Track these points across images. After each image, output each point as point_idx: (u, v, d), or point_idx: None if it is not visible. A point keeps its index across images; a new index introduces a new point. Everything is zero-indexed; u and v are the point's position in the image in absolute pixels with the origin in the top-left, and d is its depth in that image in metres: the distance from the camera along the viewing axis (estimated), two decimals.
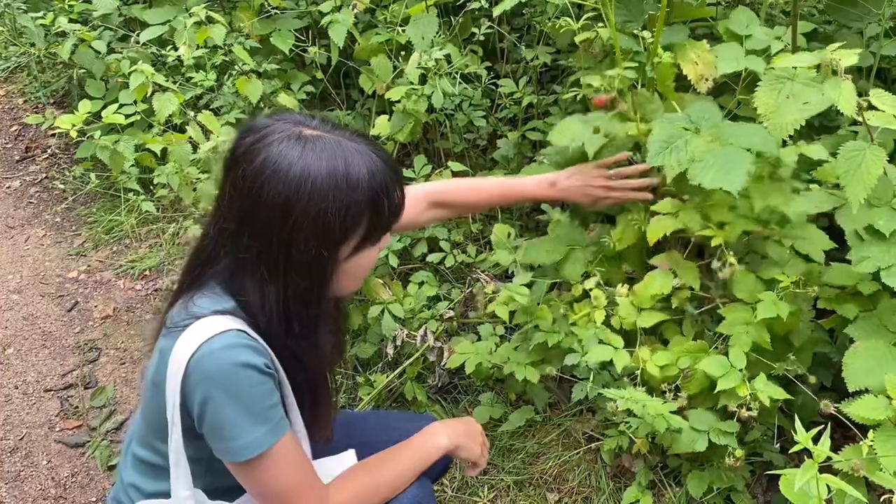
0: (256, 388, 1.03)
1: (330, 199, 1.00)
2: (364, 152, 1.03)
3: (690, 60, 1.61)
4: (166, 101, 2.17)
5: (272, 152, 1.00)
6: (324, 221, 1.01)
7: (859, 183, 1.25)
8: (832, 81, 1.24)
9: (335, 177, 1.00)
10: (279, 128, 1.03)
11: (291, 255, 1.03)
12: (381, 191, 1.04)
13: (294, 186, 0.99)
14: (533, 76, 2.25)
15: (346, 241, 1.05)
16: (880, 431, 1.27)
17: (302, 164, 0.99)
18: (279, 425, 1.06)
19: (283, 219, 1.00)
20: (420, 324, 2.05)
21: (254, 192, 1.01)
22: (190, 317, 1.05)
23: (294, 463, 1.09)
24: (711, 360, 1.49)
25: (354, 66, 2.45)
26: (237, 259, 1.06)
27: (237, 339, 1.02)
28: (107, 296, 2.55)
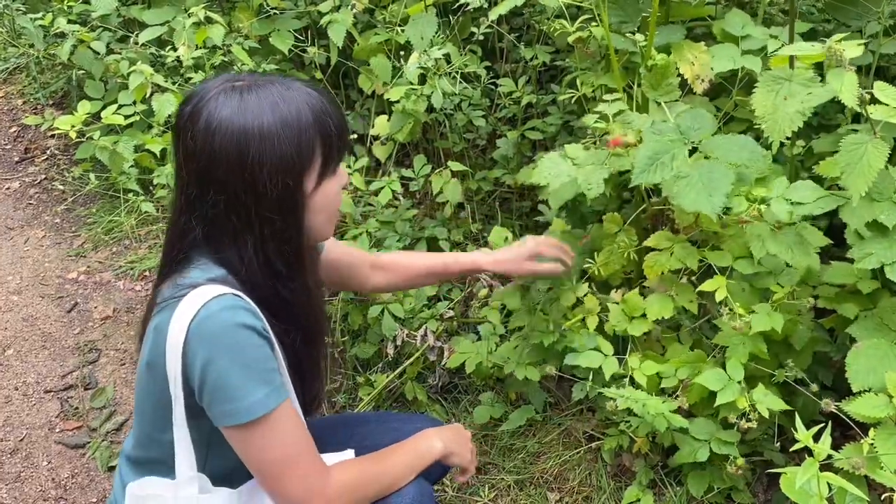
0: (257, 349, 1.04)
1: (280, 135, 1.04)
2: (296, 87, 1.08)
3: (687, 61, 1.61)
4: (165, 102, 2.17)
5: (212, 108, 1.04)
6: (280, 155, 1.04)
7: (860, 176, 1.25)
8: (835, 72, 1.23)
9: (278, 112, 1.04)
10: (211, 87, 1.07)
11: (258, 194, 1.05)
12: (323, 117, 1.08)
13: (242, 130, 1.03)
14: (532, 76, 2.25)
15: (306, 172, 1.08)
16: (881, 429, 1.27)
17: (244, 109, 1.04)
18: (280, 389, 1.07)
19: (241, 163, 1.03)
20: (420, 324, 2.05)
21: (206, 150, 1.04)
22: (184, 287, 1.05)
23: (295, 430, 1.09)
24: (710, 373, 1.49)
25: (353, 67, 2.45)
26: (208, 220, 1.07)
27: (234, 301, 1.04)
28: (106, 297, 2.55)
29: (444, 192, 2.16)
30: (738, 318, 1.41)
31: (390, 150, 2.34)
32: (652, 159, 1.38)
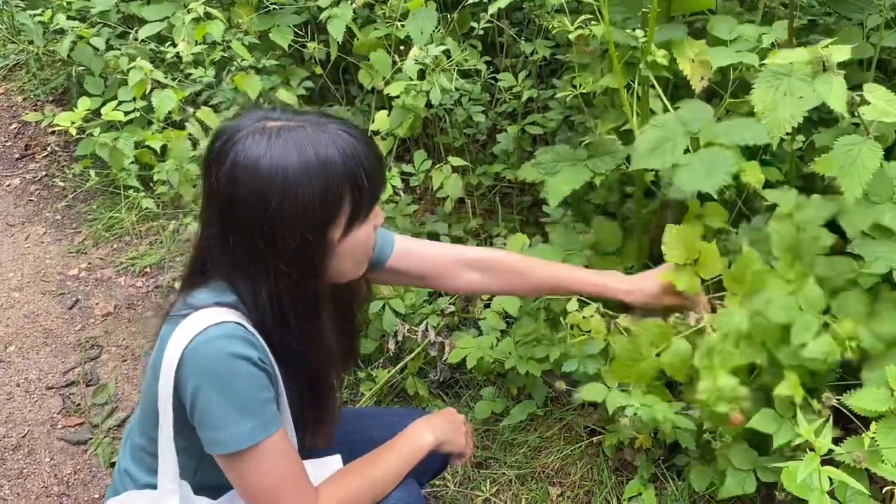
0: (248, 380, 1.03)
1: (305, 184, 1.01)
2: (331, 131, 1.04)
3: (688, 58, 1.60)
4: (165, 98, 2.17)
5: (239, 150, 1.01)
6: (303, 206, 1.01)
7: (855, 178, 1.25)
8: (823, 77, 1.24)
9: (306, 161, 1.01)
10: (243, 125, 1.04)
11: (276, 246, 1.03)
12: (355, 165, 1.04)
13: (267, 178, 1.00)
14: (532, 70, 2.25)
15: (332, 223, 1.05)
16: (882, 423, 1.27)
17: (270, 155, 1.00)
18: (270, 421, 1.06)
19: (262, 212, 1.01)
20: (421, 319, 2.05)
21: (229, 193, 1.02)
22: (189, 307, 1.06)
23: (283, 463, 1.08)
24: (763, 414, 1.39)
25: (353, 62, 2.44)
26: (226, 260, 1.07)
27: (233, 330, 1.03)
28: (108, 293, 2.55)
29: (445, 188, 2.16)
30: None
31: (391, 146, 2.34)
32: (654, 146, 1.38)
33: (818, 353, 1.31)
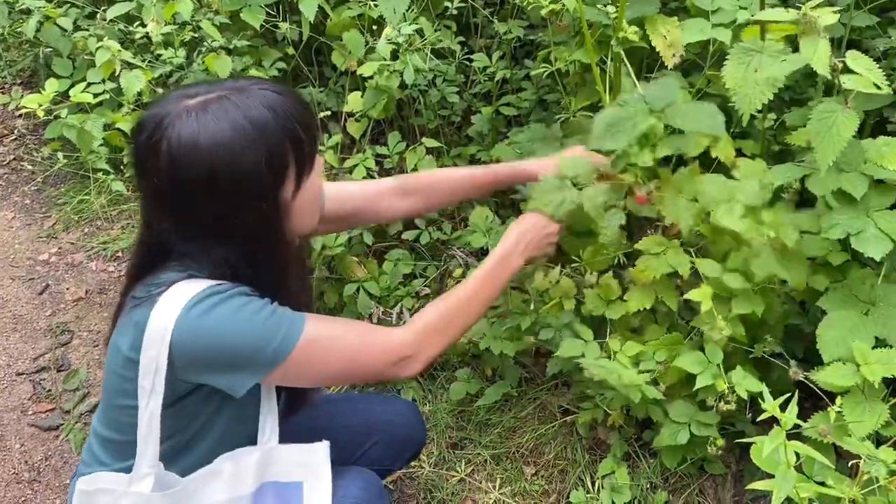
0: (251, 304, 1.03)
1: (248, 153, 0.99)
2: (255, 93, 1.02)
3: (660, 35, 1.60)
4: (134, 79, 2.13)
5: (171, 136, 0.99)
6: (252, 175, 1.00)
7: (829, 145, 1.25)
8: (808, 39, 1.23)
9: (241, 129, 0.99)
10: (165, 111, 1.01)
11: (235, 222, 1.02)
12: (289, 120, 1.03)
13: (208, 157, 0.98)
14: (506, 51, 2.23)
15: (283, 184, 1.04)
16: (848, 398, 1.29)
17: (205, 133, 0.98)
18: (295, 315, 1.07)
19: (213, 193, 0.99)
20: (396, 301, 2.05)
21: (173, 183, 1.00)
22: (163, 283, 1.04)
23: (339, 330, 1.11)
24: (688, 356, 1.49)
25: (326, 43, 2.41)
26: (186, 249, 1.05)
27: (215, 287, 1.03)
28: (79, 278, 2.51)
29: (419, 169, 2.15)
30: (720, 331, 1.40)
31: (364, 127, 2.32)
32: (611, 126, 1.38)
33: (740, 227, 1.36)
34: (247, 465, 1.13)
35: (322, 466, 1.19)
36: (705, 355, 1.50)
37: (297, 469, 1.17)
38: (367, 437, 1.46)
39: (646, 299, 1.54)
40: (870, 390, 1.28)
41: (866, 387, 1.28)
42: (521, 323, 1.72)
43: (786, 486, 1.08)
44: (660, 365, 1.56)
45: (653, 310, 1.68)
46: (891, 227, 1.28)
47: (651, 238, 1.54)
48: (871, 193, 1.31)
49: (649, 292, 1.56)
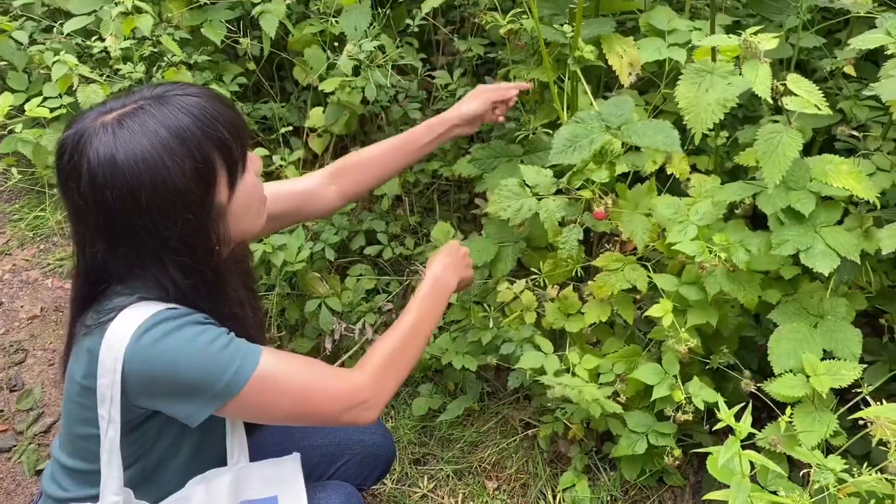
0: (205, 334, 1.01)
1: (169, 165, 0.96)
2: (173, 100, 0.99)
3: (616, 53, 1.64)
4: (91, 93, 2.10)
5: (91, 156, 0.96)
6: (176, 188, 0.97)
7: (776, 164, 1.29)
8: (750, 64, 1.27)
9: (160, 141, 0.96)
10: (82, 129, 0.98)
11: (166, 236, 0.99)
12: (212, 124, 1.00)
13: (129, 174, 0.95)
14: (468, 68, 2.26)
15: (213, 190, 1.01)
16: (799, 408, 1.32)
17: (123, 150, 0.95)
18: (248, 350, 1.04)
19: (138, 209, 0.96)
20: (358, 317, 2.04)
21: (97, 203, 0.97)
22: (112, 309, 1.01)
23: (293, 367, 1.07)
24: (646, 368, 1.53)
25: (288, 58, 2.41)
26: (126, 267, 1.02)
27: (167, 314, 1.00)
28: (34, 295, 2.46)
29: (381, 186, 2.15)
30: (682, 343, 1.43)
31: (327, 143, 2.32)
32: (570, 142, 1.41)
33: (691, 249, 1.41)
34: (219, 486, 1.11)
35: (294, 479, 1.19)
36: (662, 367, 1.53)
37: (269, 485, 1.16)
38: (340, 455, 1.46)
39: (602, 313, 1.57)
40: (819, 401, 1.32)
41: (816, 397, 1.32)
42: (482, 338, 1.74)
43: (741, 496, 1.10)
44: (619, 377, 1.59)
45: (611, 322, 1.71)
46: (838, 243, 1.32)
47: (609, 254, 1.56)
48: (818, 210, 1.35)
49: (606, 306, 1.59)
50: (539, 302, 1.67)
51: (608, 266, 1.56)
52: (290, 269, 2.03)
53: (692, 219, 1.46)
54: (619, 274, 1.55)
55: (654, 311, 1.47)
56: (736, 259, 1.39)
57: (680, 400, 1.49)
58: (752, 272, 1.44)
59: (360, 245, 2.21)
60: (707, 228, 1.45)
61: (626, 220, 1.53)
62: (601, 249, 1.67)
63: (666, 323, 1.45)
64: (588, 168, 1.49)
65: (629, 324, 1.64)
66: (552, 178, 1.55)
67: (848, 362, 1.32)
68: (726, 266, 1.41)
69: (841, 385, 1.29)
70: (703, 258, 1.40)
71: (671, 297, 1.50)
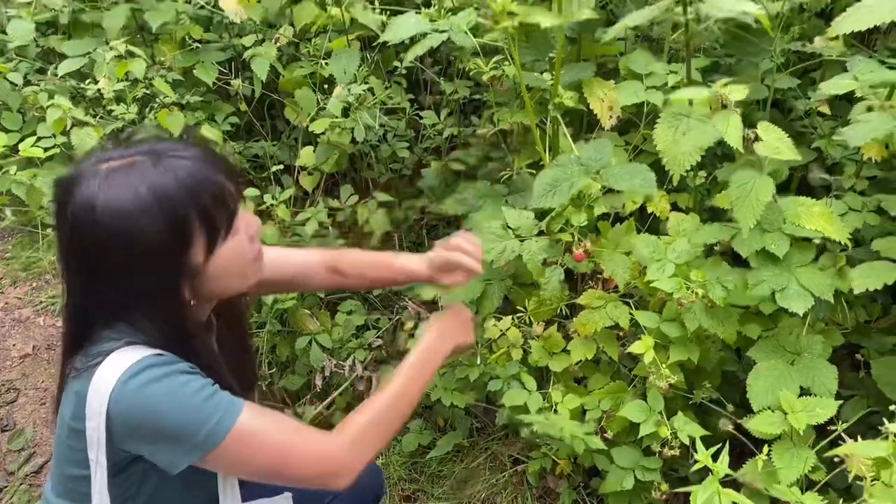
0: (188, 385, 1.02)
1: (143, 222, 0.99)
2: (165, 161, 1.01)
3: (597, 97, 1.69)
4: (85, 136, 2.14)
5: (76, 199, 0.99)
6: (147, 244, 0.99)
7: (749, 209, 1.34)
8: (721, 115, 1.32)
9: (139, 198, 0.99)
10: (76, 173, 1.02)
11: (138, 285, 1.02)
12: (195, 191, 1.02)
13: (103, 223, 0.98)
14: (455, 108, 2.31)
15: (187, 251, 1.04)
16: (777, 444, 1.35)
17: (103, 199, 0.98)
18: (231, 403, 1.05)
19: (109, 258, 1.00)
20: (348, 353, 2.06)
21: (76, 247, 1.01)
22: (100, 354, 1.04)
23: (272, 426, 1.07)
24: (632, 405, 1.55)
25: (279, 99, 2.46)
26: (105, 309, 1.05)
27: (152, 360, 1.02)
28: (26, 334, 2.48)
29: (371, 223, 2.19)
30: (663, 379, 1.47)
31: (317, 181, 2.36)
32: (551, 186, 1.45)
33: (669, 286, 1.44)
34: None
35: None
36: (647, 403, 1.56)
37: None
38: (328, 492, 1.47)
39: (587, 350, 1.60)
40: (797, 437, 1.35)
41: (794, 434, 1.34)
42: (469, 374, 1.76)
43: None
44: (605, 413, 1.61)
45: (597, 359, 1.74)
46: (812, 283, 1.36)
47: (591, 292, 1.60)
48: (792, 251, 1.39)
49: (591, 343, 1.62)
50: (525, 339, 1.70)
51: (591, 304, 1.60)
52: (281, 306, 2.06)
53: (670, 257, 1.50)
54: (602, 311, 1.58)
55: (635, 348, 1.51)
56: (713, 295, 1.43)
57: (666, 436, 1.52)
58: (731, 308, 1.48)
59: None
60: (685, 266, 1.49)
61: (606, 259, 1.57)
62: (585, 287, 1.70)
63: (647, 359, 1.48)
64: (567, 211, 1.53)
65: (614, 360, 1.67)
66: (534, 220, 1.59)
67: (824, 399, 1.36)
68: (704, 303, 1.45)
69: (817, 422, 1.32)
70: (681, 295, 1.43)
71: (653, 334, 1.53)
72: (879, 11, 1.45)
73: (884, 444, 1.09)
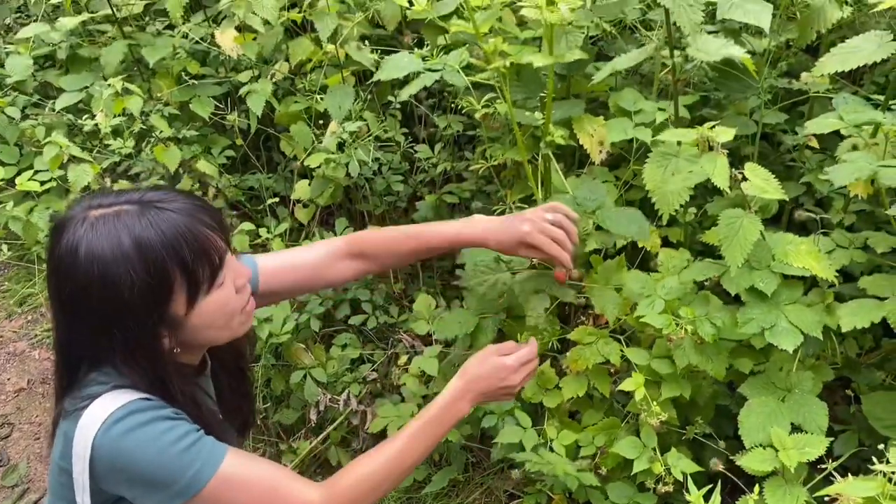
0: (172, 431, 1.03)
1: (122, 272, 1.00)
2: (152, 213, 1.03)
3: (587, 133, 1.71)
4: (81, 172, 2.16)
5: (63, 244, 1.02)
6: (126, 294, 1.00)
7: (737, 248, 1.36)
8: (708, 156, 1.35)
9: (121, 249, 1.00)
10: (68, 217, 1.04)
11: (117, 332, 1.03)
12: (178, 246, 1.03)
13: (84, 271, 1.00)
14: (449, 141, 2.33)
15: (167, 303, 1.04)
16: (770, 482, 1.35)
17: (86, 247, 1.00)
18: (213, 449, 1.06)
19: (89, 304, 1.01)
20: (343, 387, 2.07)
21: (60, 289, 1.03)
22: (87, 397, 1.05)
23: (256, 470, 1.08)
24: (625, 442, 1.55)
25: (274, 133, 2.49)
26: (88, 351, 1.07)
27: (138, 405, 1.03)
28: (21, 367, 2.48)
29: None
30: (655, 416, 1.47)
31: (312, 213, 2.38)
32: None
33: (659, 322, 1.45)
34: None
35: None
36: (641, 440, 1.56)
37: None
38: None
39: (579, 387, 1.61)
40: (789, 474, 1.35)
41: (786, 471, 1.35)
42: None
43: None
44: (599, 449, 1.62)
45: (590, 394, 1.75)
46: (800, 320, 1.38)
47: (583, 329, 1.61)
48: (780, 289, 1.41)
49: (583, 380, 1.63)
50: None
51: (582, 340, 1.61)
52: (276, 340, 2.07)
53: (660, 293, 1.52)
54: (593, 347, 1.59)
55: (626, 385, 1.51)
56: (702, 332, 1.44)
57: (660, 472, 1.52)
58: (720, 345, 1.49)
59: (344, 314, 2.25)
60: (675, 302, 1.51)
61: (597, 294, 1.59)
62: (577, 322, 1.71)
63: (638, 397, 1.49)
64: None
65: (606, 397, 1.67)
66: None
67: (815, 436, 1.36)
68: (693, 339, 1.46)
69: (808, 459, 1.33)
70: (670, 331, 1.45)
71: (643, 371, 1.54)
72: (863, 52, 1.48)
73: (874, 483, 1.09)
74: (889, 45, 1.49)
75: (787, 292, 1.42)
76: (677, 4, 1.35)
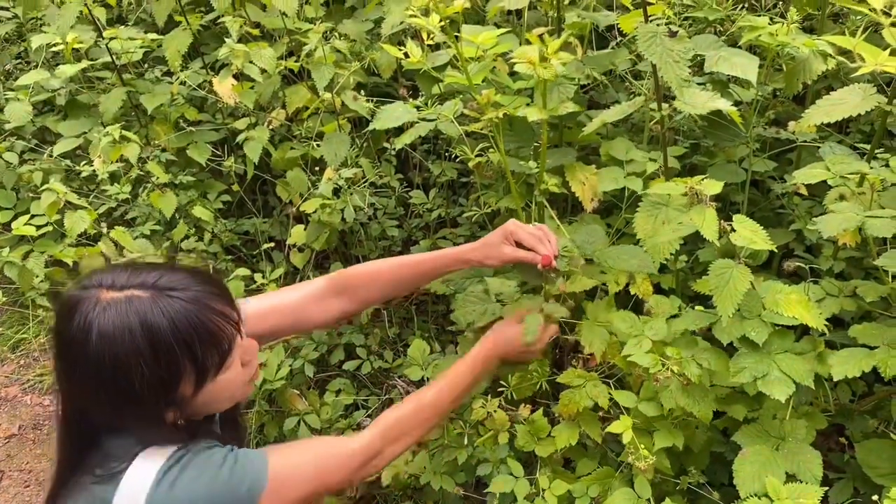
0: (211, 460, 1.06)
1: (130, 356, 1.00)
2: (163, 300, 1.02)
3: (579, 181, 1.74)
4: (78, 219, 2.17)
5: (74, 324, 1.01)
6: (135, 379, 1.00)
7: (728, 298, 1.37)
8: (697, 209, 1.37)
9: (130, 333, 1.00)
10: (79, 297, 1.03)
11: (125, 409, 1.04)
12: (188, 335, 1.03)
13: (94, 354, 1.00)
14: (443, 186, 2.36)
15: (175, 387, 1.05)
16: None
17: (97, 330, 0.99)
18: (256, 457, 1.10)
19: (99, 382, 1.02)
20: (338, 434, 2.05)
21: (72, 364, 1.03)
22: (117, 458, 1.05)
23: (302, 456, 1.15)
24: (619, 493, 1.54)
25: (270, 178, 2.51)
26: (101, 417, 1.07)
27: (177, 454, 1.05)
28: (12, 413, 2.46)
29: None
30: (643, 460, 1.47)
31: (308, 257, 2.39)
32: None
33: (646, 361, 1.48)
34: None
35: None
36: (635, 490, 1.54)
37: None
38: None
39: (571, 436, 1.61)
40: None
41: None
42: (458, 456, 1.76)
43: None
44: (593, 500, 1.60)
45: (583, 443, 1.74)
46: (792, 369, 1.39)
47: (572, 371, 1.62)
48: (772, 338, 1.42)
49: (575, 428, 1.62)
50: (511, 423, 1.71)
51: (572, 382, 1.62)
52: (270, 386, 2.06)
53: (647, 333, 1.53)
54: (583, 390, 1.60)
55: (615, 427, 1.51)
56: (689, 372, 1.45)
57: None
58: (706, 387, 1.49)
59: (339, 359, 2.25)
60: (662, 343, 1.52)
61: (585, 331, 1.60)
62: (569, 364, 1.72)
63: (626, 440, 1.49)
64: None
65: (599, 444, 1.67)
66: (515, 288, 1.62)
67: (810, 485, 1.36)
68: (680, 380, 1.47)
69: None
70: (657, 370, 1.45)
71: (632, 414, 1.54)
72: (847, 105, 1.52)
73: None
74: (872, 98, 1.53)
75: (779, 341, 1.43)
76: (664, 60, 1.38)
